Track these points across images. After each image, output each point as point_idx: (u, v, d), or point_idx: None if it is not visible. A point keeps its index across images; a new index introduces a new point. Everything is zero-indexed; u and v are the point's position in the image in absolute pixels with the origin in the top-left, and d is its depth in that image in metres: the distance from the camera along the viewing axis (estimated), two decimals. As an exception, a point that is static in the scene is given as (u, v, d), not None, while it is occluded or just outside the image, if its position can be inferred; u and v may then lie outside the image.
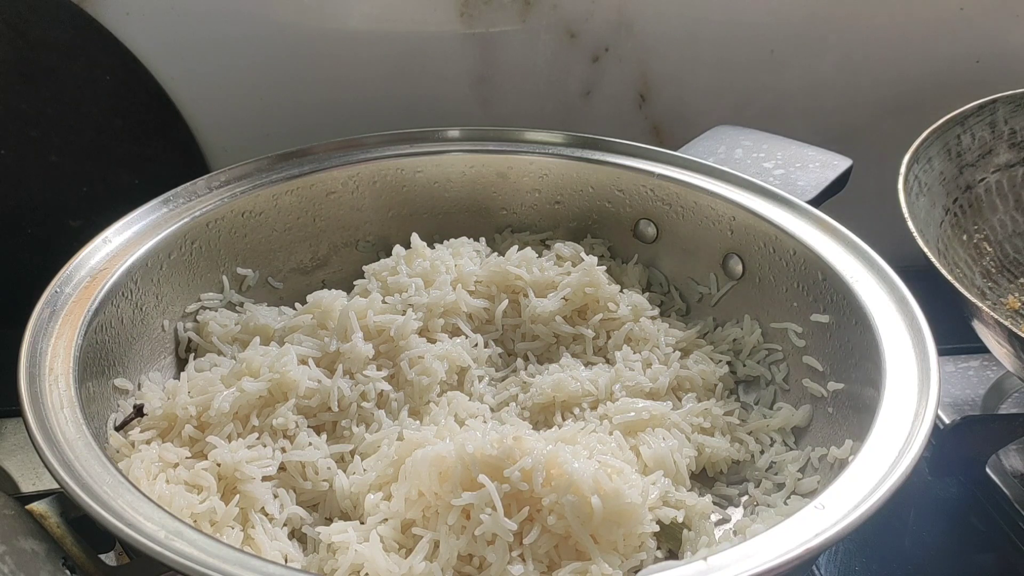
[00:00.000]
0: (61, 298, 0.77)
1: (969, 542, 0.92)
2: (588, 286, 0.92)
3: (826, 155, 0.98)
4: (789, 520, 0.61)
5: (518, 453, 0.68)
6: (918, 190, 0.96)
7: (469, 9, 1.09)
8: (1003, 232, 1.03)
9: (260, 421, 0.78)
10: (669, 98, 1.18)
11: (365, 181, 0.99)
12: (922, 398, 0.70)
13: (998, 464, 0.93)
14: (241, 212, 0.92)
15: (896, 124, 1.06)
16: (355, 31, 1.08)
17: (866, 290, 0.80)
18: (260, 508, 0.74)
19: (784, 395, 0.88)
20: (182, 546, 0.58)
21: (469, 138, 1.02)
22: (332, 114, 1.13)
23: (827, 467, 0.77)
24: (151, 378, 0.83)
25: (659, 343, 0.91)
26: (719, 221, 0.94)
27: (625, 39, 1.13)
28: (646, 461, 0.78)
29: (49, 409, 0.67)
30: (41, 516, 0.62)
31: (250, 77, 1.09)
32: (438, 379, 0.84)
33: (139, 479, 0.70)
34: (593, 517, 0.67)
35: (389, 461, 0.75)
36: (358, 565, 0.68)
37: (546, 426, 0.84)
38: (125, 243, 0.84)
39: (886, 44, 1.17)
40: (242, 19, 1.05)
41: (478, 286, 0.93)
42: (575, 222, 1.02)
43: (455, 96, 1.14)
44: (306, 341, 0.83)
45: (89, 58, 1.03)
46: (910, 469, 0.64)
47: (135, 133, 1.08)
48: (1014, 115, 1.02)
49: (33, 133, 1.05)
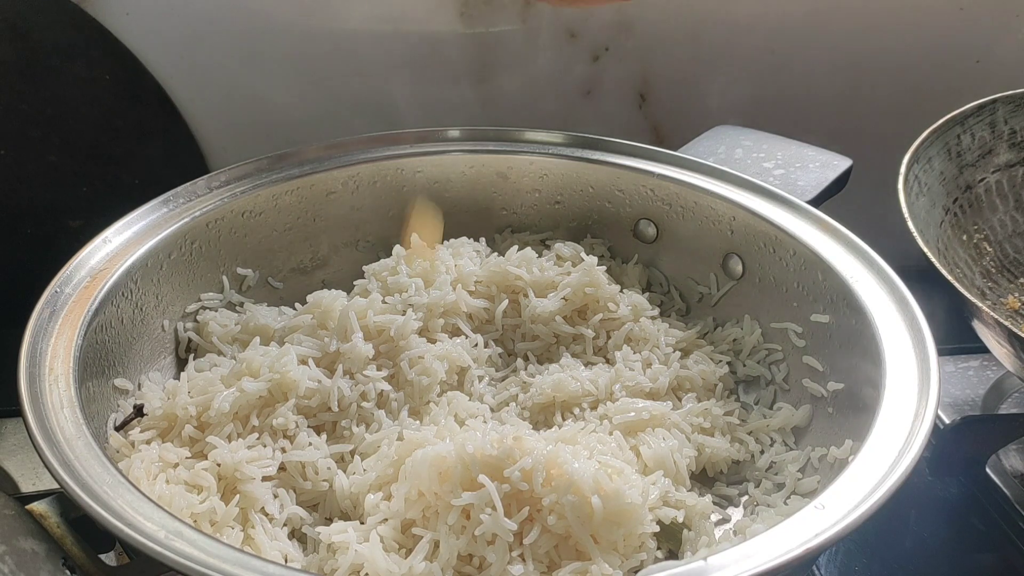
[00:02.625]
0: (61, 298, 0.77)
1: (969, 542, 0.92)
2: (588, 286, 0.91)
3: (826, 155, 0.99)
4: (789, 520, 0.61)
5: (518, 453, 0.68)
6: (918, 190, 0.95)
7: (469, 9, 1.09)
8: (1003, 232, 1.03)
9: (260, 421, 0.78)
10: (669, 98, 1.18)
11: (365, 181, 0.99)
12: (922, 398, 0.70)
13: (998, 464, 0.93)
14: (241, 212, 0.92)
15: (896, 124, 1.05)
16: (355, 31, 1.08)
17: (866, 290, 0.80)
18: (260, 508, 0.74)
19: (784, 395, 0.88)
20: (182, 546, 0.58)
21: (469, 138, 1.01)
22: (332, 114, 1.13)
23: (827, 467, 0.77)
24: (151, 378, 0.83)
25: (659, 343, 0.91)
26: (719, 221, 0.94)
27: (625, 39, 1.13)
28: (646, 461, 0.78)
29: (49, 409, 0.67)
30: (41, 516, 0.62)
31: (250, 77, 1.09)
32: (438, 379, 0.84)
33: (139, 479, 0.71)
34: (593, 517, 0.67)
35: (389, 461, 0.75)
36: (358, 565, 0.68)
37: (546, 426, 0.84)
38: (125, 243, 0.84)
39: (886, 44, 1.18)
40: (242, 19, 1.05)
41: (478, 286, 0.93)
42: (575, 222, 1.02)
43: (455, 96, 1.14)
44: (306, 341, 0.83)
45: (89, 58, 1.03)
46: (910, 469, 0.64)
47: (135, 133, 1.08)
48: (1014, 115, 1.02)
49: (33, 133, 1.05)
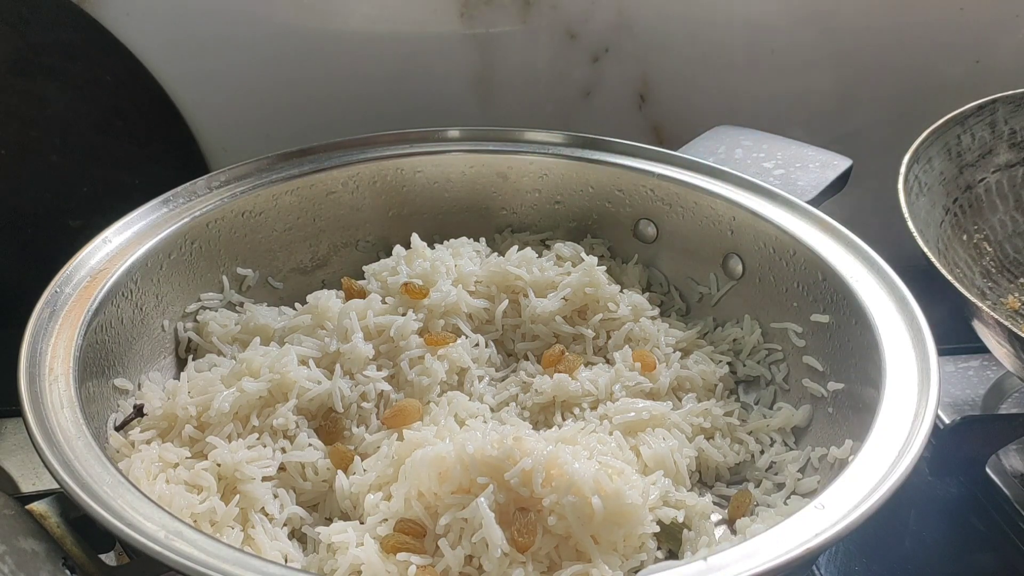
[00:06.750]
0: (61, 298, 0.77)
1: (969, 542, 0.92)
2: (588, 286, 0.91)
3: (826, 155, 0.99)
4: (789, 520, 0.61)
5: (518, 453, 0.68)
6: (918, 190, 0.95)
7: (469, 9, 1.09)
8: (1003, 232, 1.03)
9: (260, 421, 0.78)
10: (669, 98, 1.18)
11: (365, 181, 0.99)
12: (922, 398, 0.70)
13: (998, 464, 0.93)
14: (241, 212, 0.92)
15: (896, 124, 1.06)
16: (355, 31, 1.08)
17: (866, 290, 0.80)
18: (260, 508, 0.74)
19: (784, 395, 0.88)
20: (182, 546, 0.58)
21: (469, 138, 1.01)
22: (332, 114, 1.13)
23: (827, 467, 0.77)
24: (151, 378, 0.83)
25: (659, 343, 0.91)
26: (719, 221, 0.94)
27: (625, 39, 1.13)
28: (646, 461, 0.78)
29: (49, 409, 0.67)
30: (41, 516, 0.62)
31: (250, 77, 1.09)
32: (438, 379, 0.84)
33: (139, 479, 0.71)
34: (594, 518, 0.67)
35: (389, 461, 0.75)
36: (357, 565, 0.68)
37: (546, 426, 0.84)
38: (125, 243, 0.84)
39: (886, 44, 1.17)
40: (242, 19, 1.05)
41: (478, 286, 0.93)
42: (575, 222, 1.02)
43: (455, 96, 1.14)
44: (306, 341, 0.83)
45: (89, 58, 1.03)
46: (910, 469, 0.64)
47: (135, 133, 1.08)
48: (1014, 115, 1.02)
49: (33, 133, 1.05)
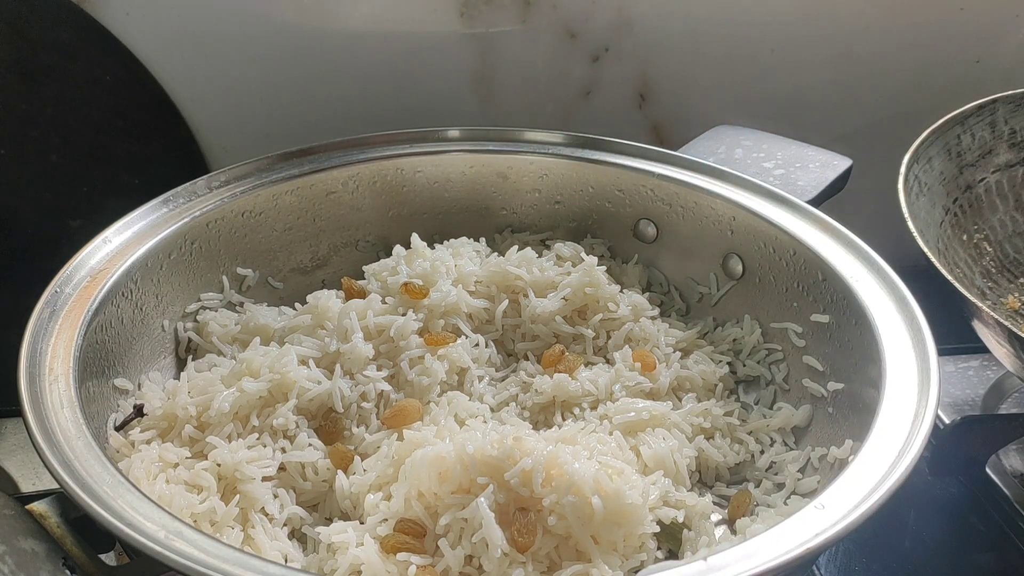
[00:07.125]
0: (61, 298, 0.77)
1: (969, 542, 0.92)
2: (588, 286, 0.91)
3: (826, 155, 0.99)
4: (789, 520, 0.61)
5: (518, 453, 0.68)
6: (918, 190, 0.95)
7: (469, 9, 1.09)
8: (1003, 232, 1.03)
9: (260, 421, 0.78)
10: (669, 98, 1.18)
11: (365, 181, 0.99)
12: (922, 398, 0.70)
13: (998, 464, 0.93)
14: (241, 212, 0.92)
15: (896, 124, 1.06)
16: (355, 31, 1.08)
17: (866, 290, 0.80)
18: (260, 508, 0.74)
19: (784, 395, 0.88)
20: (182, 546, 0.58)
21: (469, 138, 1.01)
22: (332, 114, 1.13)
23: (827, 467, 0.77)
24: (151, 378, 0.83)
25: (659, 343, 0.91)
26: (719, 221, 0.94)
27: (625, 39, 1.13)
28: (646, 461, 0.78)
29: (49, 409, 0.67)
30: (41, 516, 0.62)
31: (250, 77, 1.09)
32: (438, 379, 0.84)
33: (139, 479, 0.71)
34: (594, 518, 0.67)
35: (389, 461, 0.75)
36: (357, 565, 0.67)
37: (546, 426, 0.85)
38: (125, 243, 0.84)
39: (886, 44, 1.17)
40: (242, 19, 1.05)
41: (478, 286, 0.93)
42: (575, 222, 1.02)
43: (455, 96, 1.14)
44: (306, 341, 0.83)
45: (89, 58, 1.03)
46: (910, 469, 0.64)
47: (135, 133, 1.08)
48: (1014, 115, 1.02)
49: (33, 133, 1.04)
